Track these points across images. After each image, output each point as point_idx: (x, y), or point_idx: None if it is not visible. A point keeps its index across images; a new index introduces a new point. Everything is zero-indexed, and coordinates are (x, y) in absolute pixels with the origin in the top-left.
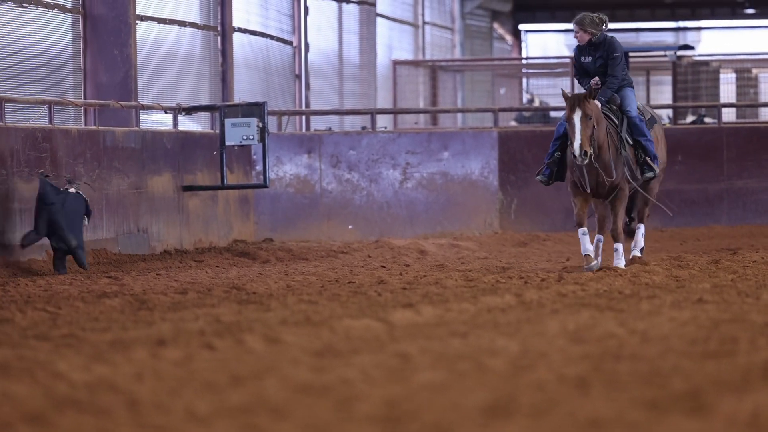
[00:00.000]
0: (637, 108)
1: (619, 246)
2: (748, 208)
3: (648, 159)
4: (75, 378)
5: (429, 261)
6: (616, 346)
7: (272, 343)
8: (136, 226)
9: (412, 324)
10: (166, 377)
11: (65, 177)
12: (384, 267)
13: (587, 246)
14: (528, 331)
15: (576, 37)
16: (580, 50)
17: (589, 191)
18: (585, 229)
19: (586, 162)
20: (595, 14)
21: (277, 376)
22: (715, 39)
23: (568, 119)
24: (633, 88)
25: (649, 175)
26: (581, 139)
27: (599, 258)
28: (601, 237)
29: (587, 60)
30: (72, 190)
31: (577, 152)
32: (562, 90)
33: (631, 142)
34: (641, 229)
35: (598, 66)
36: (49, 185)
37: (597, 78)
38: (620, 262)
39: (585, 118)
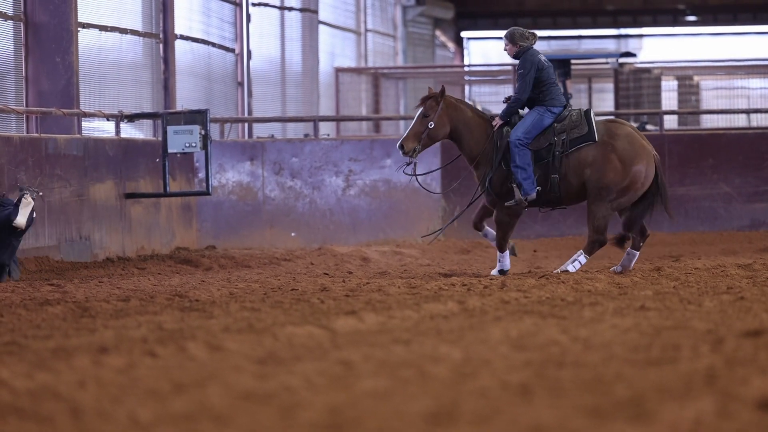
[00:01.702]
0: (566, 120)
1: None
2: (690, 215)
3: (513, 186)
4: (17, 385)
5: (372, 268)
6: (559, 353)
7: (215, 350)
8: (79, 234)
9: (355, 331)
10: (108, 385)
11: (18, 185)
12: (327, 274)
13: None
14: (471, 338)
15: (506, 50)
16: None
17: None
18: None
19: (405, 156)
20: (528, 31)
21: (219, 383)
22: (657, 46)
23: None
24: (545, 107)
25: (509, 202)
26: (406, 134)
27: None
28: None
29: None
30: (26, 197)
31: (397, 144)
32: (429, 88)
33: (505, 167)
34: (577, 257)
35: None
36: None
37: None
38: (495, 271)
39: (421, 116)
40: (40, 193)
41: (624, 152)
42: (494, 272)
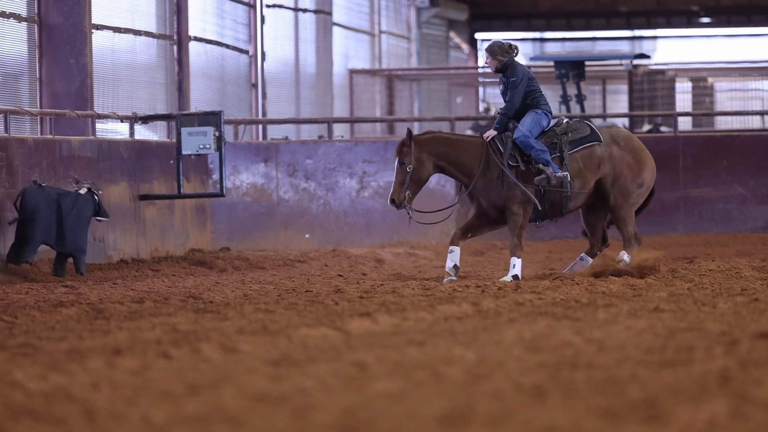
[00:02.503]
0: (563, 123)
1: (514, 260)
2: (704, 217)
3: (540, 166)
4: (31, 387)
5: (386, 270)
6: (573, 355)
7: (229, 352)
8: (93, 236)
9: (369, 333)
10: (122, 386)
11: (72, 178)
12: (341, 276)
13: (448, 262)
14: (485, 339)
15: (486, 64)
16: (500, 78)
17: (481, 214)
18: (454, 247)
19: (399, 209)
20: (507, 42)
21: (233, 385)
22: (671, 48)
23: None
24: (541, 110)
25: (540, 177)
26: (393, 188)
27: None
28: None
29: (500, 86)
30: (82, 191)
31: (388, 200)
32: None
33: (515, 163)
34: (621, 257)
35: (503, 91)
36: (39, 191)
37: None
38: (508, 277)
39: (400, 165)
40: (95, 189)
41: (637, 153)
42: (507, 278)
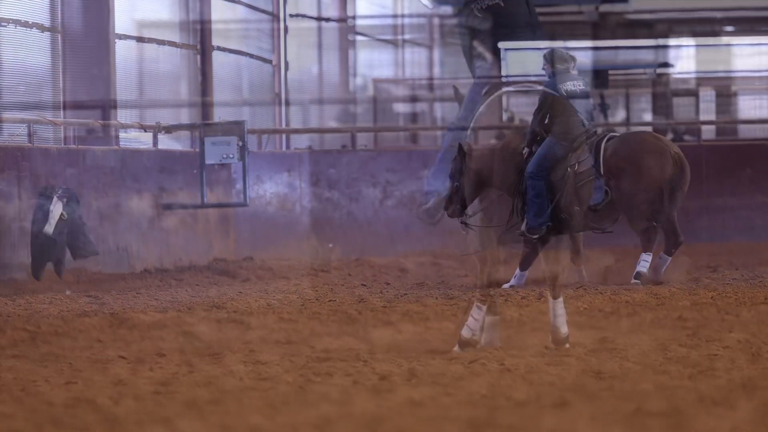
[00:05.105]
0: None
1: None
2: (728, 226)
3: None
4: (54, 396)
5: (409, 279)
6: (596, 364)
7: (252, 361)
8: (116, 245)
9: (392, 342)
10: (145, 396)
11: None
12: (364, 285)
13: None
14: (508, 348)
15: (543, 69)
16: None
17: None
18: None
19: (451, 218)
20: (560, 53)
21: (257, 394)
22: (695, 56)
23: None
24: (555, 139)
25: (519, 230)
26: (447, 198)
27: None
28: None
29: None
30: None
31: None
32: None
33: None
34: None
35: None
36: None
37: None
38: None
39: (450, 178)
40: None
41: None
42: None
